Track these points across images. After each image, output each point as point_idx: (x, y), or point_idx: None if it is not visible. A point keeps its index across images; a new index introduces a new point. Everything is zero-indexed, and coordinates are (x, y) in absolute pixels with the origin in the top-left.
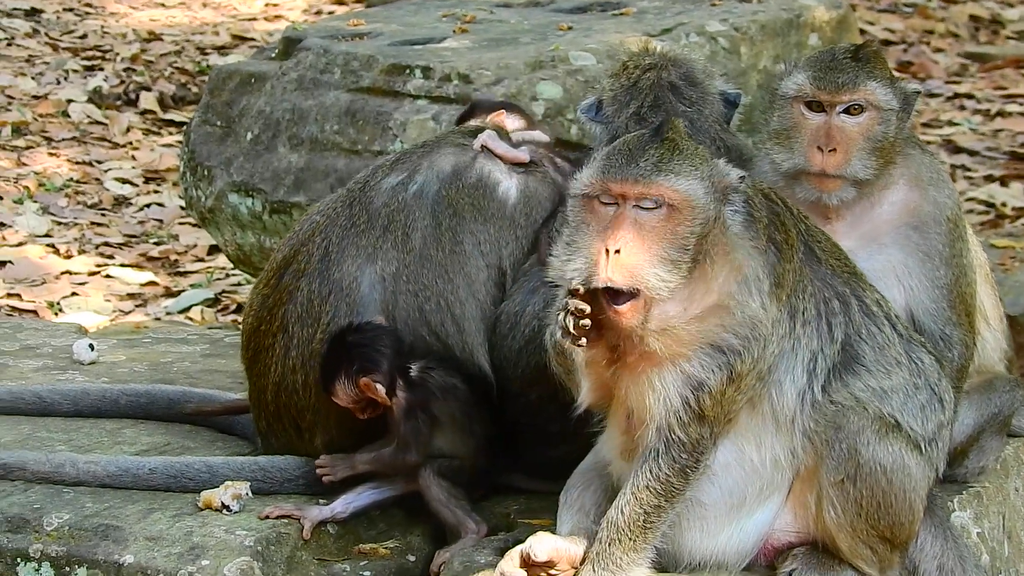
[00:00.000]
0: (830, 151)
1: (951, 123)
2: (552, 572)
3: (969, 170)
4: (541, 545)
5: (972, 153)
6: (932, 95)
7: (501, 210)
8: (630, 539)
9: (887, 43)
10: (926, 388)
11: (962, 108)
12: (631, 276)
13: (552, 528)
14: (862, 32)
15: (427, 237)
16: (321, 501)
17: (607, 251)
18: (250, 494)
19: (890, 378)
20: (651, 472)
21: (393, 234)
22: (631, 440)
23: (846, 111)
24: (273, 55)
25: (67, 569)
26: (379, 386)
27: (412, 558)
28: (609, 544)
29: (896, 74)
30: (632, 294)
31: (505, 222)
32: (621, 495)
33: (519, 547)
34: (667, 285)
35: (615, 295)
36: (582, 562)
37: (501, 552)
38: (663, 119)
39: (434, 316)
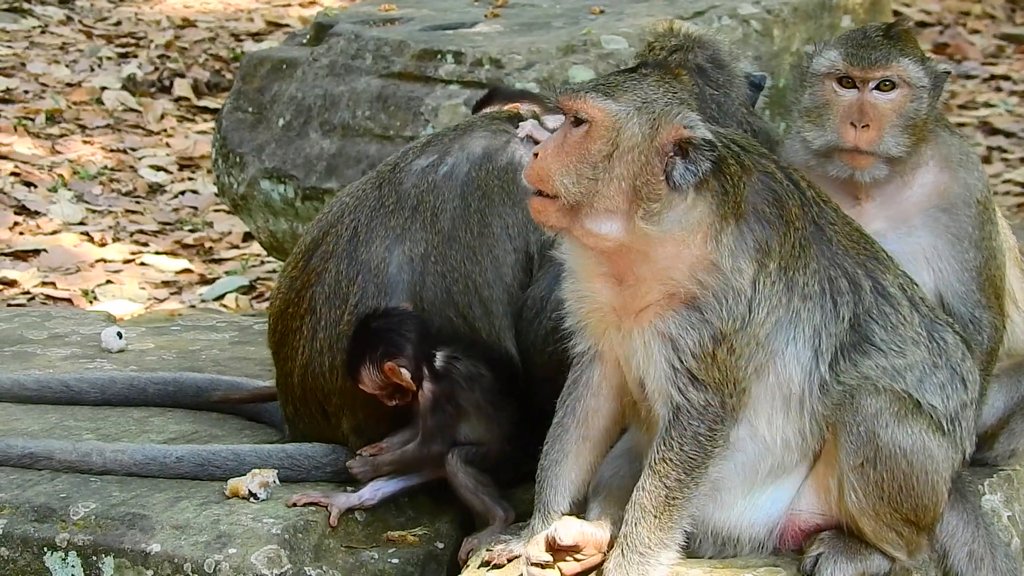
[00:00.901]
0: (863, 127)
1: (987, 105)
2: (578, 557)
3: (1005, 151)
4: (567, 529)
5: (1008, 135)
6: (968, 77)
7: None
8: (655, 517)
9: (923, 24)
10: (946, 367)
11: (998, 90)
12: (538, 178)
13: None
14: (896, 13)
15: (456, 219)
16: (349, 488)
17: (535, 155)
18: (277, 482)
19: (904, 357)
20: (665, 444)
21: (422, 215)
22: (646, 411)
23: (878, 87)
24: (304, 41)
25: (94, 558)
26: (404, 370)
27: (440, 545)
28: (635, 524)
29: (929, 55)
30: (549, 195)
31: None
32: (643, 474)
33: (545, 531)
34: (569, 192)
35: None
36: (610, 547)
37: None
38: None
39: (461, 298)
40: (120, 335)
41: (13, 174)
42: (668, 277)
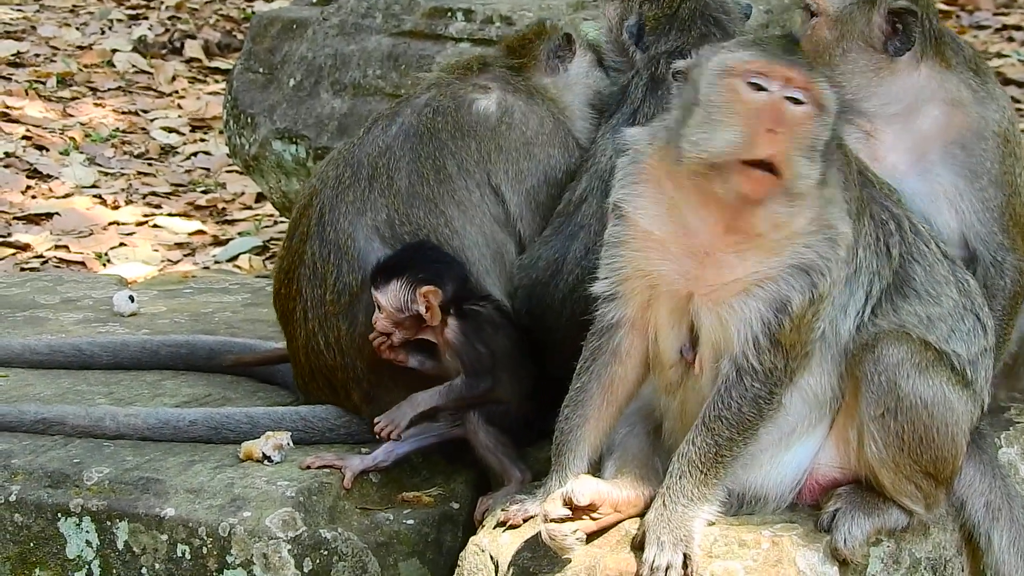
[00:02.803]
0: None
1: (1000, 55)
2: (595, 516)
3: (1018, 101)
4: (583, 488)
5: (1021, 84)
6: (981, 27)
7: (483, 123)
8: (702, 472)
9: None
10: (971, 314)
11: (1011, 39)
12: (784, 156)
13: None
14: None
15: (411, 174)
16: (363, 450)
17: (767, 129)
18: (291, 444)
19: (939, 304)
20: (723, 402)
21: (378, 182)
22: (679, 375)
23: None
24: (314, 0)
25: (108, 523)
26: (436, 302)
27: (456, 505)
28: (680, 477)
29: (942, 8)
30: (775, 172)
31: (487, 133)
32: (693, 429)
33: (561, 489)
34: (805, 178)
35: (758, 166)
36: (628, 506)
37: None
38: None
39: None
40: (132, 298)
41: (25, 138)
42: (798, 247)
